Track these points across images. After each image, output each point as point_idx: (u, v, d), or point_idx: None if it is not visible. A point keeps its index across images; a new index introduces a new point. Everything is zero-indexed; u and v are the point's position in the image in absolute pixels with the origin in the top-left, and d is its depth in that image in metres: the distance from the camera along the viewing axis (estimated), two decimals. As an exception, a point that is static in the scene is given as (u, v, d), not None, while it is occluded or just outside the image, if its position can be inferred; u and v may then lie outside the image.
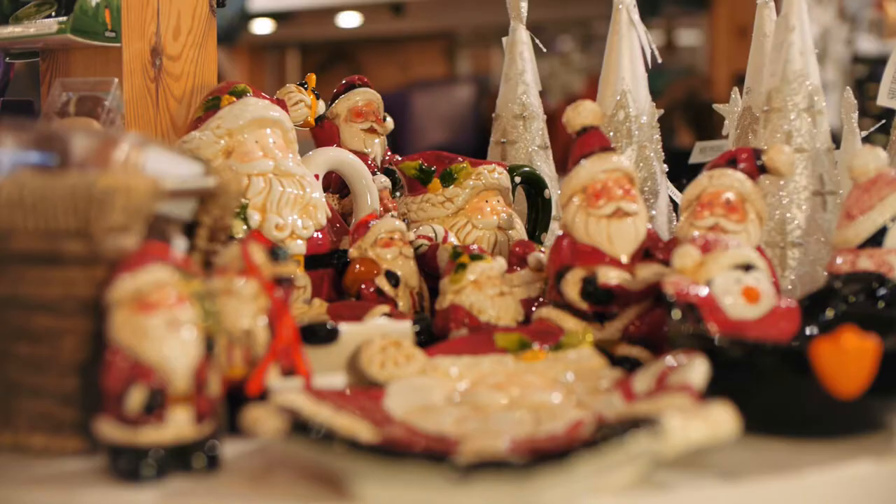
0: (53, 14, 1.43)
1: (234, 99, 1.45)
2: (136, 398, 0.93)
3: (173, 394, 0.94)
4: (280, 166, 1.42)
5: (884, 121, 1.73)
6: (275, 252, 1.09)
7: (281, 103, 1.49)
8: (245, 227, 1.37)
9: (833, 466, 0.99)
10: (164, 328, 0.94)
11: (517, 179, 1.69)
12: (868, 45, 5.43)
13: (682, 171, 1.86)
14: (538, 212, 1.74)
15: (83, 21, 1.40)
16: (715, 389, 1.01)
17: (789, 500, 0.97)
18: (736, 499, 0.95)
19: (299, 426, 0.90)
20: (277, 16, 7.36)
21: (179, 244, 1.13)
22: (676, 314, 1.14)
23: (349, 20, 7.55)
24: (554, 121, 1.37)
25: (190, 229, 1.19)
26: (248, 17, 6.72)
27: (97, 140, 1.08)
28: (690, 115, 4.98)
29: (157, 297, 0.94)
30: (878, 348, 1.00)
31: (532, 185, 1.72)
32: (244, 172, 1.39)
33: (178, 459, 0.95)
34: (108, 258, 0.99)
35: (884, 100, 1.59)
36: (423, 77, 7.65)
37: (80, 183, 0.98)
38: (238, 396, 1.05)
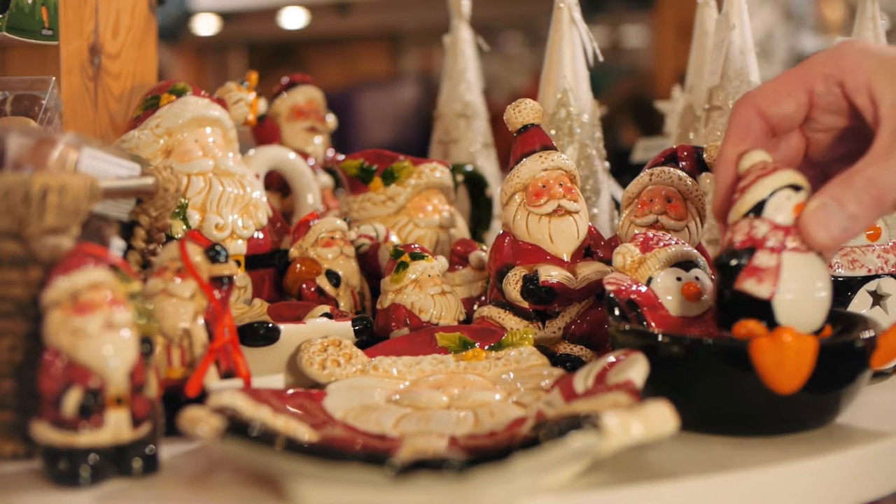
0: (-11, 12, 1.42)
1: (174, 98, 1.44)
2: (72, 400, 0.92)
3: (110, 395, 0.93)
4: (220, 166, 1.41)
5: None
6: (213, 252, 1.08)
7: (221, 102, 1.48)
8: (185, 226, 1.36)
9: (773, 463, 0.99)
10: (100, 329, 0.92)
11: (459, 178, 1.69)
12: (812, 43, 5.47)
13: (626, 168, 1.87)
14: (480, 210, 1.74)
15: (19, 19, 1.38)
16: (656, 387, 1.01)
17: (730, 498, 0.97)
18: (676, 497, 0.95)
19: (238, 427, 0.89)
20: (222, 15, 7.34)
21: (117, 245, 1.12)
22: (616, 312, 1.14)
23: (295, 19, 7.54)
24: (499, 119, 1.38)
25: (128, 229, 1.18)
26: (190, 14, 6.68)
27: (33, 139, 1.07)
28: (635, 113, 4.99)
29: (93, 299, 0.93)
30: (817, 344, 1.00)
31: (474, 184, 1.72)
32: (184, 172, 1.38)
33: (116, 462, 0.94)
34: (44, 259, 0.98)
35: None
36: (368, 76, 7.65)
37: (15, 183, 0.97)
38: (176, 398, 1.05)
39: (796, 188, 1.06)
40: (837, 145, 1.14)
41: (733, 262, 1.07)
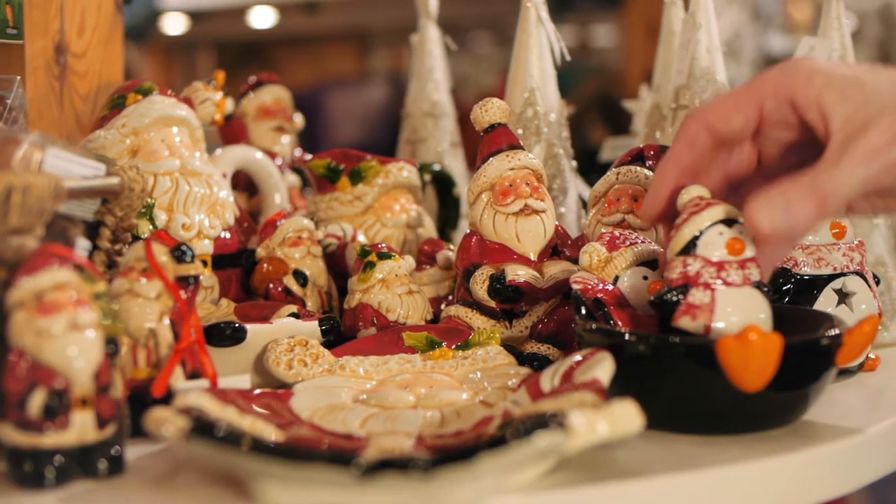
0: (-48, 11, 1.41)
1: (140, 97, 1.43)
2: (37, 401, 0.92)
3: (75, 396, 0.93)
4: (187, 165, 1.41)
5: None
6: (179, 252, 1.08)
7: (188, 101, 1.48)
8: (151, 226, 1.35)
9: (740, 462, 0.99)
10: (65, 330, 0.92)
11: (427, 177, 1.69)
12: (780, 42, 5.49)
13: (594, 167, 1.88)
14: (448, 210, 1.74)
15: (-17, 18, 1.38)
16: (623, 386, 1.01)
17: (696, 496, 0.97)
18: (643, 496, 0.95)
19: (204, 427, 0.89)
20: (191, 14, 7.32)
21: (82, 245, 1.11)
22: (583, 311, 1.15)
23: (263, 19, 7.53)
24: (468, 118, 1.38)
25: (93, 230, 1.17)
26: (158, 14, 6.66)
27: (-3, 139, 1.07)
28: (604, 112, 5.00)
29: (58, 299, 0.93)
30: (782, 343, 1.00)
31: (441, 184, 1.72)
32: (150, 172, 1.37)
33: (81, 463, 0.94)
34: (8, 259, 0.97)
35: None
36: (337, 75, 7.65)
37: (-22, 183, 0.97)
38: (142, 398, 1.04)
39: (729, 223, 1.08)
40: (788, 156, 1.16)
41: (668, 300, 1.09)
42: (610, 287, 1.18)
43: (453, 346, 1.23)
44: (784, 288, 1.31)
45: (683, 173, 1.15)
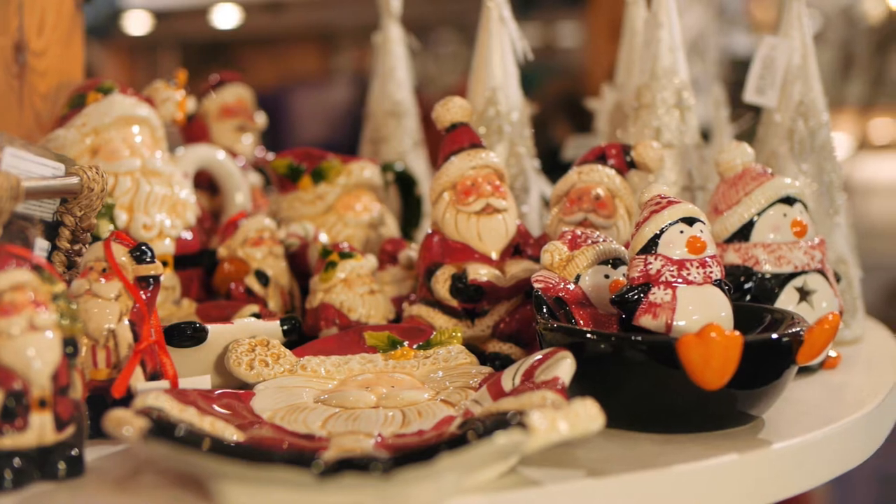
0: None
1: (101, 96, 1.42)
2: (-5, 403, 0.91)
3: (34, 398, 0.92)
4: (148, 165, 1.40)
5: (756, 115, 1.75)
6: (139, 251, 1.07)
7: (149, 101, 1.47)
8: (112, 226, 1.35)
9: (700, 459, 0.99)
10: (23, 331, 0.91)
11: (389, 177, 1.68)
12: (744, 42, 5.51)
13: (558, 166, 1.88)
14: (410, 209, 1.73)
15: (-58, 17, 1.37)
16: (584, 384, 1.01)
17: (657, 494, 0.98)
18: (604, 493, 0.95)
19: (163, 428, 0.88)
20: (154, 13, 7.29)
21: (41, 245, 1.10)
22: (544, 310, 1.15)
23: (227, 18, 7.50)
24: (432, 118, 1.38)
25: (53, 230, 1.17)
26: (120, 12, 6.63)
27: (-46, 139, 1.06)
28: (569, 111, 5.01)
29: (16, 300, 0.92)
30: (742, 341, 1.01)
31: (404, 183, 1.72)
32: (111, 171, 1.37)
33: (40, 464, 0.93)
34: (-34, 260, 0.97)
35: (751, 96, 1.61)
36: (301, 75, 7.63)
37: (-65, 183, 0.96)
38: (102, 399, 1.04)
39: (689, 221, 1.09)
40: None
41: (629, 299, 1.10)
42: (571, 286, 1.18)
43: (415, 346, 1.23)
44: (745, 286, 1.31)
45: None
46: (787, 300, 1.31)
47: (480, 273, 1.28)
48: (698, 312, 1.07)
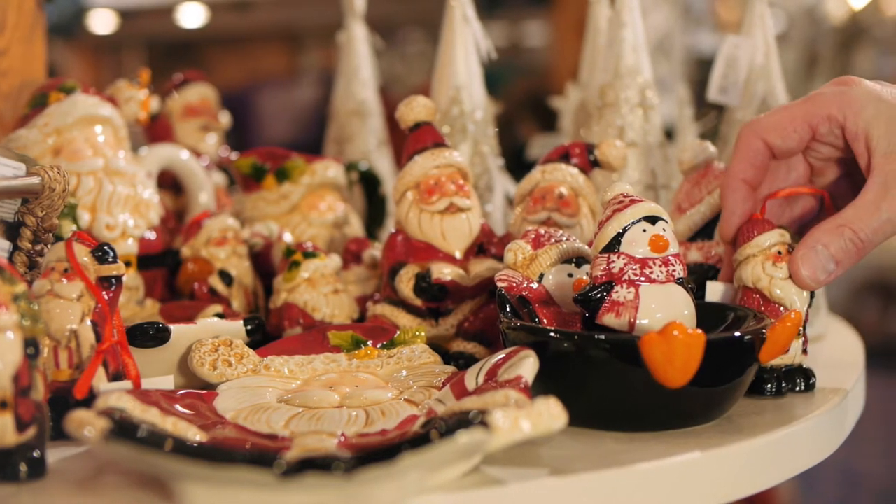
0: None
1: (63, 95, 1.42)
2: (-45, 404, 0.91)
3: (-5, 399, 0.92)
4: (110, 165, 1.40)
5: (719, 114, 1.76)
6: (101, 251, 1.07)
7: (112, 100, 1.47)
8: (74, 227, 1.34)
9: (664, 458, 1.00)
10: (-17, 332, 0.91)
11: (353, 176, 1.68)
12: (709, 41, 5.52)
13: (523, 165, 1.88)
14: (375, 209, 1.73)
15: None
16: (547, 383, 1.01)
17: (620, 492, 0.98)
18: (568, 492, 0.95)
19: (125, 429, 0.88)
20: (120, 12, 7.26)
21: (1, 246, 1.10)
22: (508, 309, 1.15)
23: (193, 17, 7.48)
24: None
25: (14, 230, 1.16)
26: (85, 10, 6.60)
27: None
28: (534, 110, 5.01)
29: (-24, 301, 0.92)
30: (704, 339, 1.01)
31: (368, 182, 1.72)
32: (73, 171, 1.36)
33: (1, 466, 0.93)
34: (-75, 261, 0.96)
35: (714, 95, 1.62)
36: (268, 74, 7.61)
37: None
38: (65, 400, 1.03)
39: (652, 220, 1.09)
40: (835, 170, 1.24)
41: (592, 297, 1.10)
42: (535, 285, 1.18)
43: (379, 345, 1.23)
44: (708, 284, 1.31)
45: (750, 188, 1.22)
46: (749, 298, 1.31)
47: (444, 272, 1.28)
48: (661, 311, 1.08)
